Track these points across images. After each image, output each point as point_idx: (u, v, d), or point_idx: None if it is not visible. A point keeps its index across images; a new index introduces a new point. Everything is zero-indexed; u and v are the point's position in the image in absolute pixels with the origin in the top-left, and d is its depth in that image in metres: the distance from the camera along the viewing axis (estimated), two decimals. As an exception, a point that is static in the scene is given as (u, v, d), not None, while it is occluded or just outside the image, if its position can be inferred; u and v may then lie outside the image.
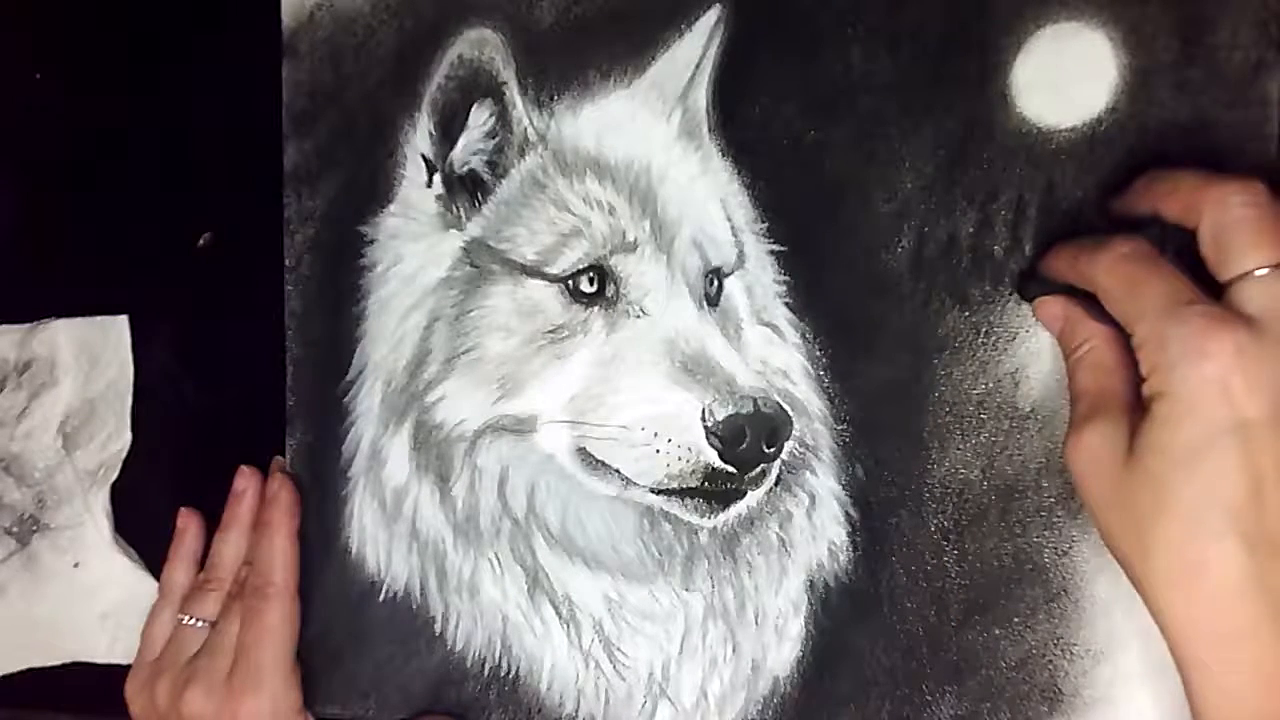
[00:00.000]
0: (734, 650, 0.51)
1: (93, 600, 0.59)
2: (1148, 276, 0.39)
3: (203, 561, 0.56)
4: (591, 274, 0.49)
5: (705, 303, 0.49)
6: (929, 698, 0.48)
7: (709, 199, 0.50)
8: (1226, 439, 0.36)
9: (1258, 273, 0.37)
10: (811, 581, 0.50)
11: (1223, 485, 0.37)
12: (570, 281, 0.49)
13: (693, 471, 0.47)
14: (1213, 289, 0.39)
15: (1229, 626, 0.37)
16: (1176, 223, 0.40)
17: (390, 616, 0.53)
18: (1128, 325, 0.40)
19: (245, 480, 0.55)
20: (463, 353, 0.50)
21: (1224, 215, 0.38)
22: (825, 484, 0.50)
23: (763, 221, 0.49)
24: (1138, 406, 0.39)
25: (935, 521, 0.48)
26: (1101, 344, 0.43)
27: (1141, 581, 0.39)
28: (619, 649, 0.51)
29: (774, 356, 0.50)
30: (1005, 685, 0.47)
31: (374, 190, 0.53)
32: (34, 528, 0.60)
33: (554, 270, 0.49)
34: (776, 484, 0.49)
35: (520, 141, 0.50)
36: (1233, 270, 0.38)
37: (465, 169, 0.51)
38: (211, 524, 0.56)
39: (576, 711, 0.52)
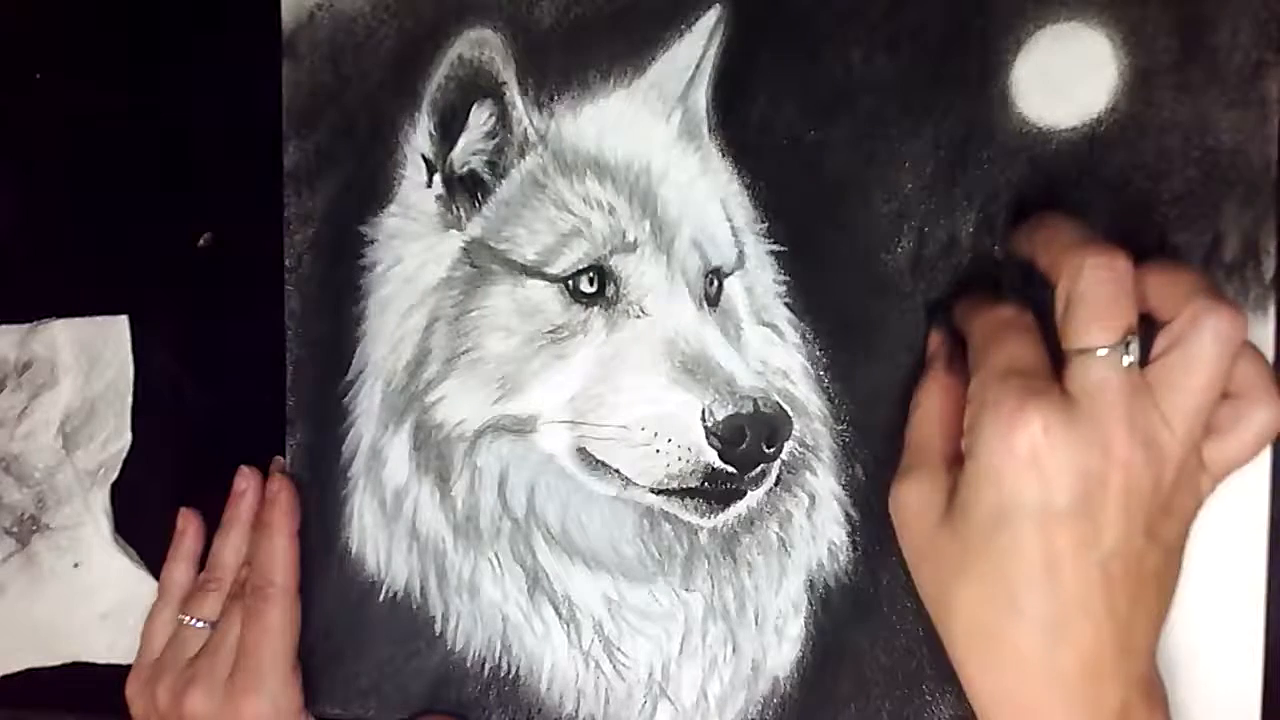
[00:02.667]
0: (734, 650, 0.51)
1: (93, 600, 0.59)
2: (1002, 339, 0.39)
3: (203, 561, 0.56)
4: (591, 274, 0.49)
5: (705, 303, 0.49)
6: (929, 698, 0.48)
7: (709, 199, 0.50)
8: (1024, 515, 0.36)
9: (1099, 352, 0.36)
10: (811, 581, 0.50)
11: (1016, 558, 0.37)
12: (570, 281, 0.49)
13: (693, 471, 0.47)
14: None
15: (1022, 700, 0.37)
16: (1045, 275, 0.39)
17: (390, 616, 0.53)
18: (973, 376, 0.40)
19: (245, 480, 0.55)
20: (463, 353, 0.50)
21: (1075, 284, 0.37)
22: (825, 484, 0.50)
23: (763, 221, 0.50)
24: (959, 462, 0.39)
25: (935, 521, 0.48)
26: (940, 393, 0.43)
27: (945, 637, 0.40)
28: (619, 649, 0.51)
29: (774, 356, 0.50)
30: (1005, 685, 0.47)
31: (374, 190, 0.53)
32: (34, 528, 0.60)
33: (554, 270, 0.49)
34: (776, 484, 0.49)
35: (520, 141, 0.50)
36: (1071, 343, 0.37)
37: (465, 169, 0.51)
38: (211, 524, 0.56)
39: (576, 711, 0.52)
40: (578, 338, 0.49)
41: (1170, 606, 0.39)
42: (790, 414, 0.47)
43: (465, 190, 0.51)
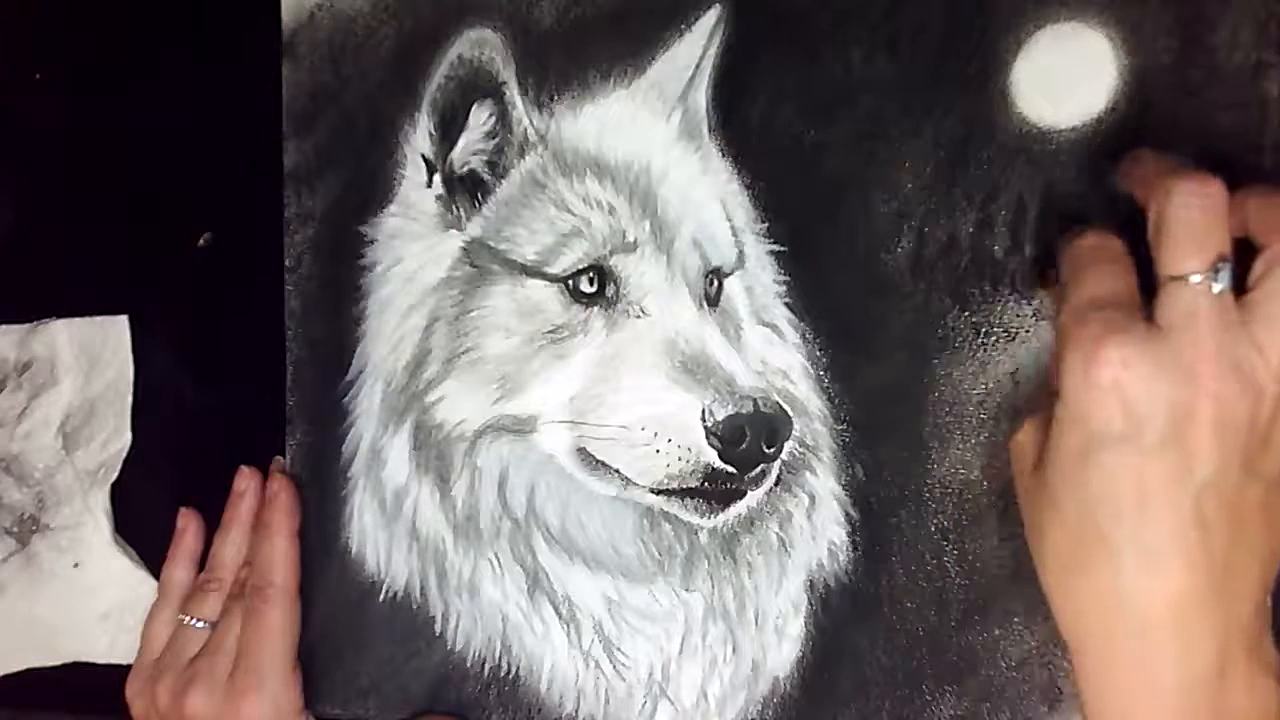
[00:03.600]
0: (734, 650, 0.51)
1: (93, 600, 0.59)
2: (1088, 271, 0.38)
3: (203, 561, 0.56)
4: (591, 274, 0.49)
5: (705, 303, 0.49)
6: (929, 698, 0.48)
7: (709, 199, 0.50)
8: (1112, 448, 0.36)
9: (1191, 279, 0.36)
10: (811, 581, 0.50)
11: (1106, 495, 0.36)
12: (570, 281, 0.49)
13: (692, 471, 0.47)
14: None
15: (1109, 640, 0.37)
16: (1141, 203, 0.39)
17: (390, 616, 0.53)
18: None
19: (245, 480, 0.55)
20: (463, 353, 0.50)
21: (1166, 210, 0.36)
22: (825, 484, 0.50)
23: (763, 221, 0.49)
24: None
25: (935, 521, 0.48)
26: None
27: (1041, 578, 0.39)
28: (619, 649, 0.51)
29: (774, 356, 0.50)
30: (1005, 685, 0.47)
31: (374, 190, 0.53)
32: (34, 528, 0.60)
33: (554, 270, 0.49)
34: (776, 484, 0.49)
35: (520, 141, 0.50)
36: (1166, 270, 0.36)
37: (465, 169, 0.51)
38: (211, 524, 0.56)
39: (576, 711, 0.52)
40: (578, 338, 0.49)
41: None
42: (790, 414, 0.47)
43: (465, 190, 0.51)
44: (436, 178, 0.51)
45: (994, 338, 0.47)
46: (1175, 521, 0.35)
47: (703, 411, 0.46)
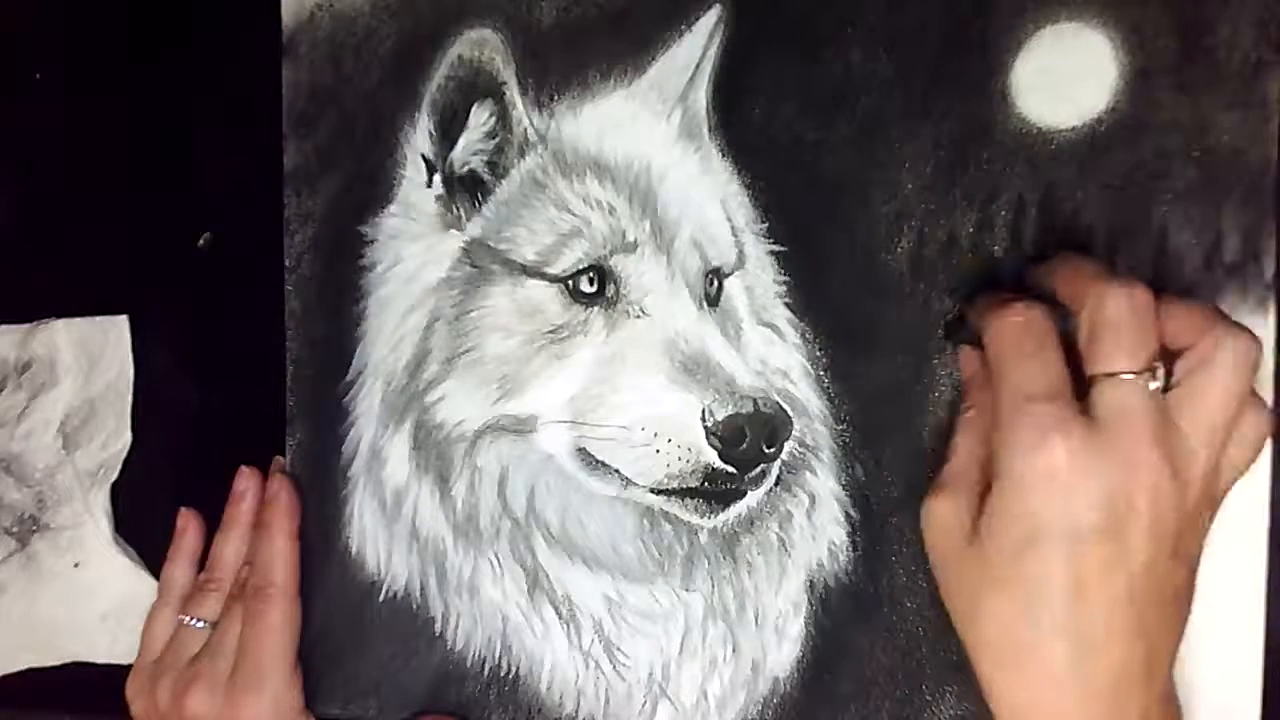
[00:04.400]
0: (734, 650, 0.51)
1: (93, 600, 0.59)
2: (1022, 355, 0.40)
3: (203, 561, 0.56)
4: (591, 274, 0.49)
5: (705, 303, 0.49)
6: (929, 698, 0.48)
7: (709, 199, 0.50)
8: (1053, 538, 0.37)
9: (1124, 377, 0.38)
10: (811, 581, 0.50)
11: (1046, 581, 0.37)
12: (570, 281, 0.49)
13: (692, 471, 0.47)
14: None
15: (1049, 711, 0.38)
16: (1067, 306, 0.40)
17: (390, 616, 0.53)
18: (994, 398, 0.40)
19: (245, 481, 0.55)
20: (463, 353, 0.50)
21: (1100, 311, 0.38)
22: (825, 484, 0.50)
23: (763, 221, 0.50)
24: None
25: (935, 521, 0.48)
26: (980, 413, 0.44)
27: (970, 650, 0.40)
28: (619, 649, 0.51)
29: (774, 356, 0.50)
30: (1005, 685, 0.47)
31: (374, 190, 0.53)
32: (34, 528, 0.60)
33: (554, 270, 0.49)
34: (776, 484, 0.49)
35: (520, 141, 0.50)
36: (1097, 368, 0.38)
37: (465, 169, 0.51)
38: (211, 524, 0.56)
39: (576, 711, 0.52)
40: (578, 338, 0.49)
41: (1189, 617, 0.40)
42: (790, 414, 0.47)
43: (465, 190, 0.51)
44: (436, 178, 0.51)
45: (994, 338, 0.47)
46: (1112, 606, 0.37)
47: (703, 411, 0.46)
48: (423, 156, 0.52)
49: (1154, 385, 0.38)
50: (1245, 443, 0.39)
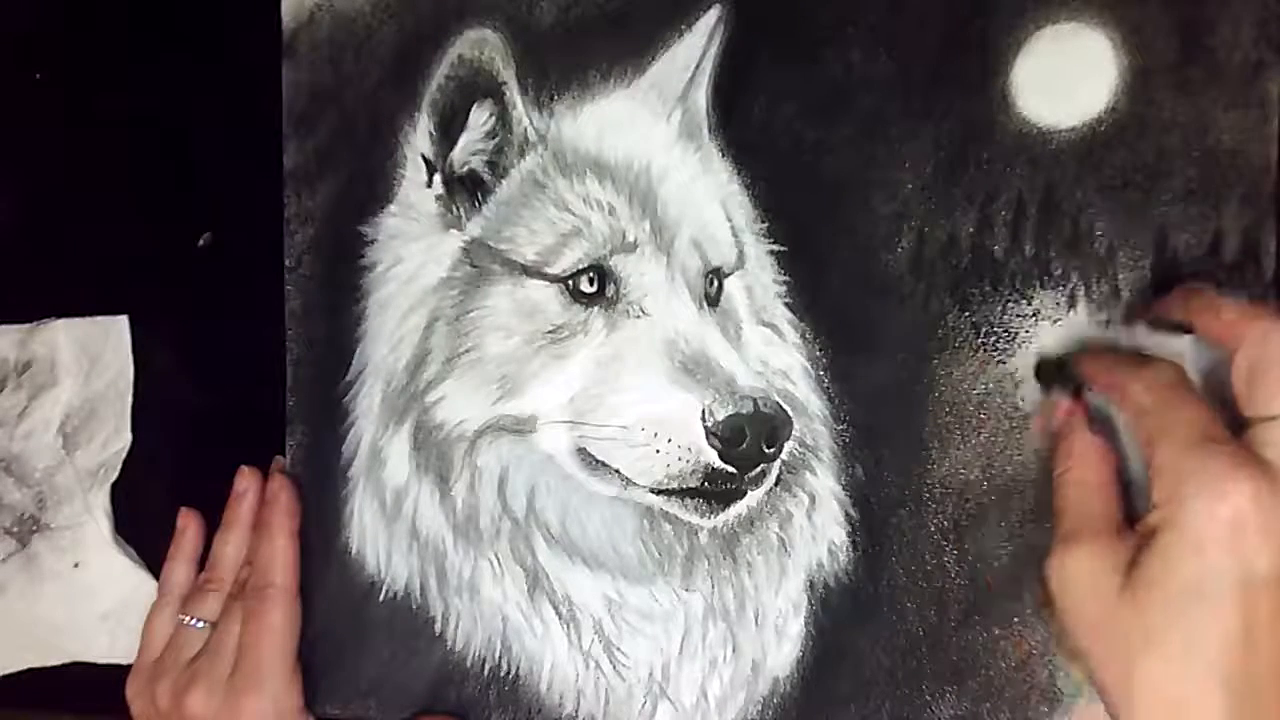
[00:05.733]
0: (734, 650, 0.51)
1: (93, 600, 0.59)
2: (1179, 404, 0.39)
3: (203, 561, 0.56)
4: (591, 274, 0.49)
5: (705, 303, 0.49)
6: (929, 698, 0.48)
7: (709, 199, 0.50)
8: (1227, 584, 0.36)
9: None
10: (811, 581, 0.50)
11: (1216, 629, 0.36)
12: (570, 281, 0.49)
13: (693, 471, 0.47)
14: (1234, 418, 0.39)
15: None
16: (1212, 343, 0.40)
17: (390, 616, 0.53)
18: (1148, 448, 0.39)
19: (245, 481, 0.55)
20: (463, 353, 0.50)
21: (1264, 352, 0.38)
22: (825, 484, 0.50)
23: (763, 221, 0.49)
24: (1127, 532, 0.39)
25: (935, 521, 0.48)
26: (1095, 460, 0.43)
27: (1120, 709, 0.39)
28: (619, 649, 0.51)
29: (774, 356, 0.50)
30: (1005, 685, 0.47)
31: (374, 190, 0.53)
32: (34, 528, 0.60)
33: (554, 270, 0.49)
34: (776, 484, 0.49)
35: (520, 141, 0.50)
36: (1261, 410, 0.38)
37: (465, 169, 0.51)
38: (211, 524, 0.56)
39: (576, 711, 0.52)
40: (578, 338, 0.49)
41: None
42: (790, 414, 0.47)
43: (465, 190, 0.51)
44: (436, 178, 0.51)
45: (994, 338, 0.47)
46: (1276, 656, 0.36)
47: (703, 411, 0.46)
48: (423, 156, 0.52)
49: None
50: None
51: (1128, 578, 0.38)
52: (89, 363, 0.59)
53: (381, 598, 0.53)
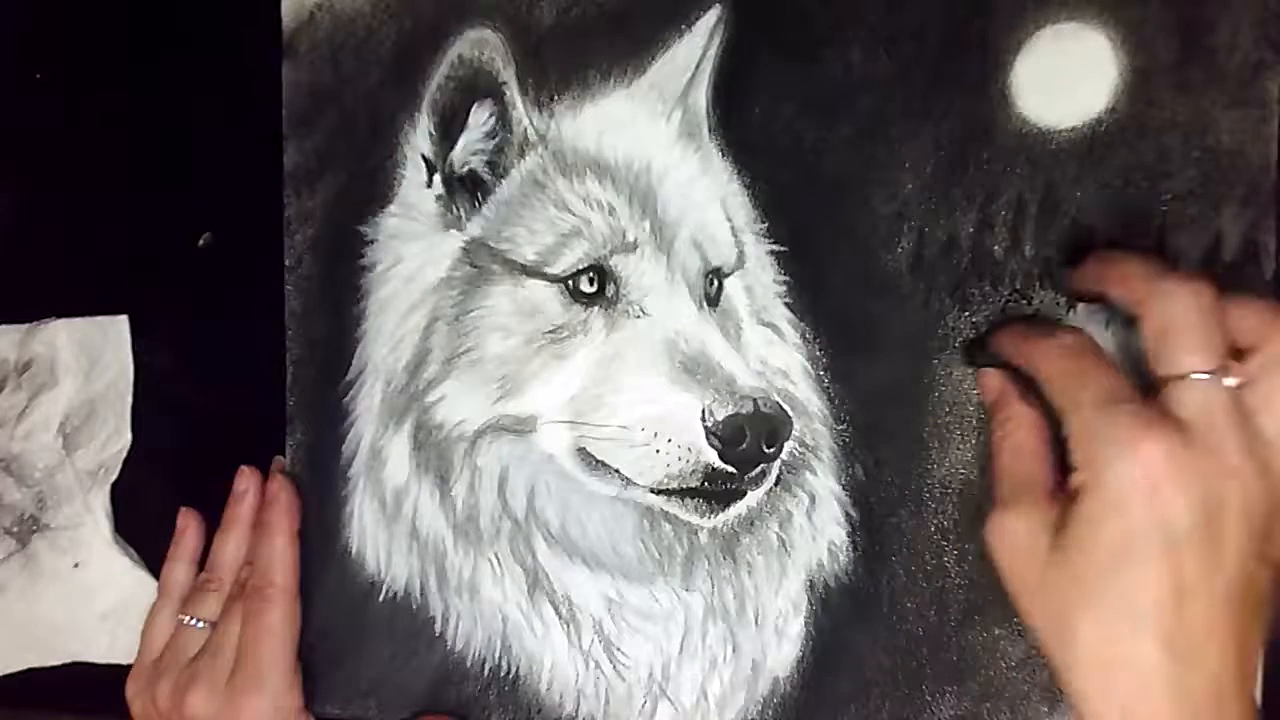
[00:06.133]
0: (734, 650, 0.51)
1: (93, 600, 0.59)
2: (1086, 369, 0.40)
3: (203, 561, 0.56)
4: (591, 274, 0.49)
5: (705, 303, 0.49)
6: (929, 698, 0.48)
7: (709, 199, 0.50)
8: (1151, 543, 0.37)
9: (1194, 376, 0.37)
10: (811, 581, 0.50)
11: (1145, 587, 0.37)
12: (570, 281, 0.49)
13: (693, 471, 0.47)
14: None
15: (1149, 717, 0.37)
16: (1124, 307, 0.40)
17: (390, 616, 0.53)
18: (1062, 415, 0.40)
19: (245, 481, 0.55)
20: (463, 353, 0.50)
21: (1168, 312, 0.38)
22: (825, 484, 0.50)
23: (763, 221, 0.49)
24: (1058, 494, 0.40)
25: (935, 521, 0.48)
26: (1026, 427, 0.43)
27: (1062, 669, 0.39)
28: (619, 649, 0.51)
29: (774, 356, 0.50)
30: (1005, 685, 0.47)
31: (374, 190, 0.53)
32: (34, 528, 0.60)
33: (554, 270, 0.49)
34: (776, 484, 0.49)
35: (520, 141, 0.50)
36: (1170, 369, 0.38)
37: (465, 169, 0.51)
38: (211, 524, 0.56)
39: (576, 711, 0.52)
40: (578, 338, 0.49)
41: (1273, 628, 0.39)
42: (790, 414, 0.47)
43: (465, 190, 0.51)
44: (436, 178, 0.51)
45: (994, 338, 0.47)
46: (1209, 611, 0.37)
47: (703, 411, 0.46)
48: (423, 156, 0.52)
49: (1231, 382, 0.37)
50: None
51: (1057, 539, 0.39)
52: (89, 363, 0.59)
53: (381, 598, 0.53)
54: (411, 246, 0.52)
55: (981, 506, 0.47)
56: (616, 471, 0.49)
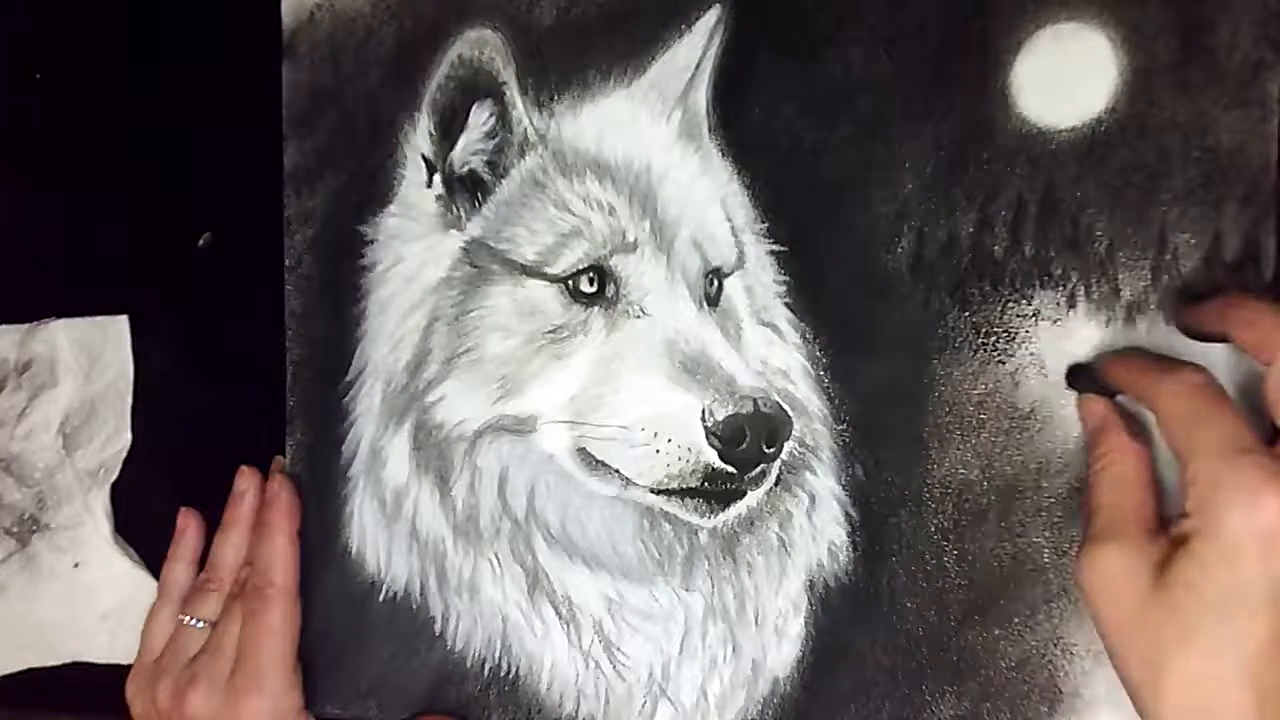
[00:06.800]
0: (734, 650, 0.51)
1: (93, 600, 0.59)
2: (1211, 413, 0.39)
3: (203, 561, 0.56)
4: (591, 274, 0.49)
5: (705, 303, 0.49)
6: (929, 698, 0.48)
7: (709, 199, 0.50)
8: (1261, 593, 0.37)
9: None
10: (811, 581, 0.50)
11: (1249, 636, 0.37)
12: (570, 281, 0.49)
13: (693, 471, 0.47)
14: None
15: None
16: (1248, 352, 0.40)
17: (390, 616, 0.53)
18: (1181, 456, 0.40)
19: (246, 481, 0.55)
20: (463, 353, 0.50)
21: None
22: (825, 484, 0.50)
23: (763, 221, 0.49)
24: (1159, 533, 0.40)
25: (935, 521, 0.48)
26: (1130, 459, 0.43)
27: (1147, 708, 0.39)
28: (619, 649, 0.51)
29: (774, 356, 0.50)
30: (1005, 685, 0.47)
31: (374, 190, 0.53)
32: (34, 528, 0.60)
33: (554, 270, 0.49)
34: (776, 484, 0.49)
35: (520, 141, 0.50)
36: None
37: (465, 169, 0.51)
38: (211, 524, 0.56)
39: (576, 711, 0.52)
40: (578, 338, 0.49)
41: None
42: (790, 414, 0.47)
43: (465, 190, 0.51)
44: (436, 178, 0.51)
45: (994, 338, 0.47)
46: None
47: (703, 411, 0.46)
48: (423, 156, 0.52)
49: None
50: None
51: (1159, 579, 0.39)
52: (89, 363, 0.59)
53: (381, 598, 0.53)
54: (411, 246, 0.52)
55: (982, 506, 0.47)
56: (616, 471, 0.49)
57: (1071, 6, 0.45)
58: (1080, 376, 0.46)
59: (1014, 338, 0.47)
